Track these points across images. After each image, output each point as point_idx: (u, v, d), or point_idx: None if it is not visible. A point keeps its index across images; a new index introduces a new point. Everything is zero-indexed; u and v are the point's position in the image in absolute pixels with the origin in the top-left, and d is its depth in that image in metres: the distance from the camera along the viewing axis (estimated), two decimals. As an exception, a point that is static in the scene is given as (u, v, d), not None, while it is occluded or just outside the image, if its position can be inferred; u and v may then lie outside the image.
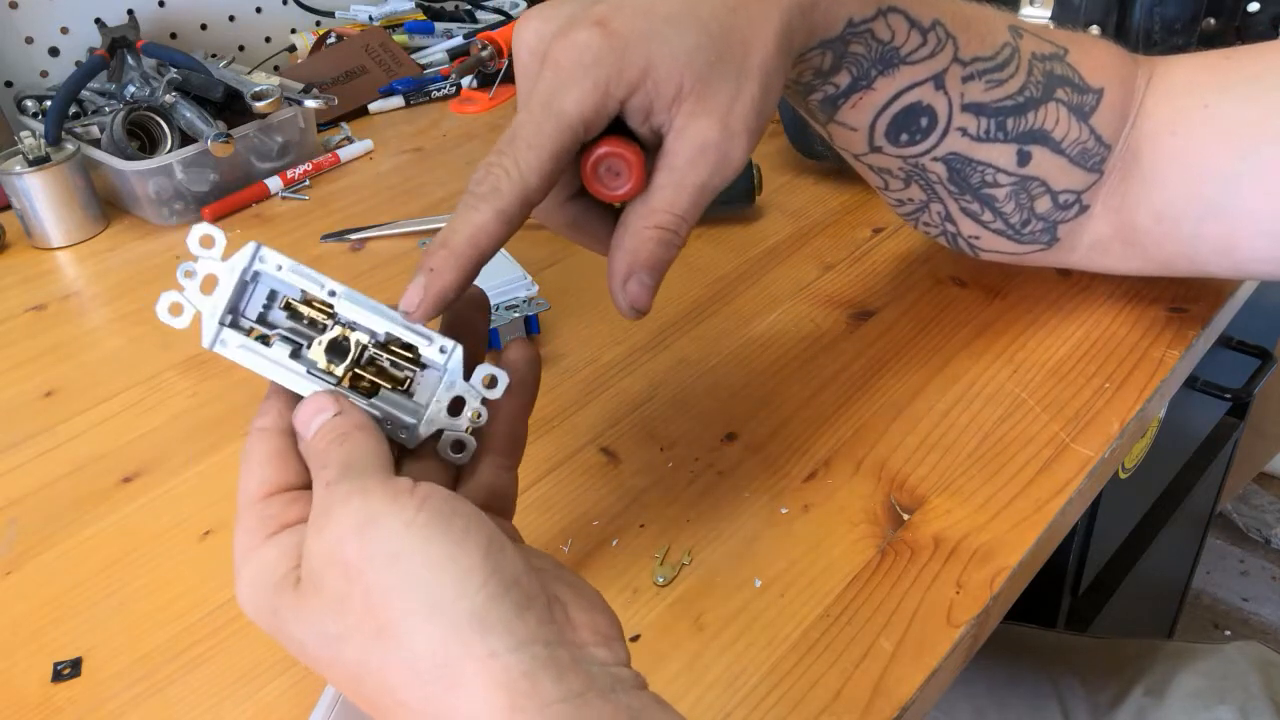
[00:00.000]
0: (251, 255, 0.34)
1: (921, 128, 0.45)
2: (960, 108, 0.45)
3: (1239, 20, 0.65)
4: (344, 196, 0.79)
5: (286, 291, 0.34)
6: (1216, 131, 0.46)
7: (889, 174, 0.49)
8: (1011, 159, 0.47)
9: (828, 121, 0.46)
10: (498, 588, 0.27)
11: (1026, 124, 0.47)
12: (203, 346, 0.33)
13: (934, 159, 0.47)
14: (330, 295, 0.34)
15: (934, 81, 0.44)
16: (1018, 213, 0.50)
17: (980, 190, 0.49)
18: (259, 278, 0.34)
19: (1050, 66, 0.47)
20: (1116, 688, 0.69)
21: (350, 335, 0.34)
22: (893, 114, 0.45)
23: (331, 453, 0.30)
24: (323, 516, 0.28)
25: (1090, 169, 0.48)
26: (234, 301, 0.34)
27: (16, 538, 0.48)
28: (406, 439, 0.33)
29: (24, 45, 0.87)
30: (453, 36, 1.04)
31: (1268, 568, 1.62)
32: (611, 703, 0.26)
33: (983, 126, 0.46)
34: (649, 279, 0.36)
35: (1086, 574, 0.85)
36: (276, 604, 0.29)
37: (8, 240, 0.75)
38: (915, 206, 0.51)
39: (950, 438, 0.49)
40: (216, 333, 0.33)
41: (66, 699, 0.40)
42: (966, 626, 0.39)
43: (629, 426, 0.51)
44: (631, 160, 0.36)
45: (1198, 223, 0.47)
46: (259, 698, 0.39)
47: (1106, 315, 0.56)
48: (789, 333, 0.57)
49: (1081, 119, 0.47)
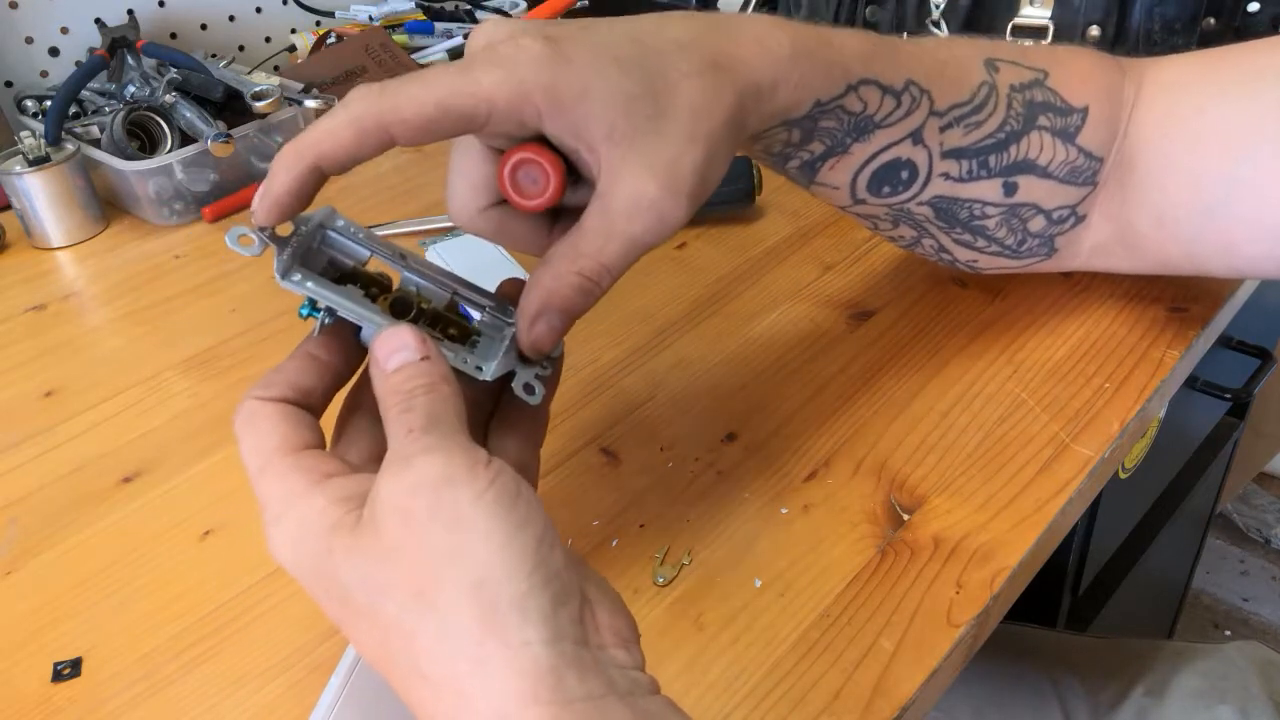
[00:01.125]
0: (328, 213, 0.35)
1: (903, 180, 0.45)
2: (940, 156, 0.45)
3: (1239, 20, 0.65)
4: (344, 196, 0.79)
5: (354, 253, 0.35)
6: (1212, 134, 0.45)
7: (876, 219, 0.49)
8: (998, 192, 0.47)
9: (808, 184, 0.46)
10: (541, 579, 0.27)
11: (1010, 158, 0.46)
12: (274, 276, 0.33)
13: (919, 204, 0.47)
14: (401, 260, 0.35)
15: (911, 138, 0.44)
16: (1011, 236, 0.50)
17: (970, 223, 0.49)
18: (328, 239, 0.35)
19: (1030, 95, 0.46)
20: (1117, 687, 0.69)
21: (415, 297, 0.35)
22: (872, 171, 0.45)
23: (418, 399, 0.30)
24: (402, 462, 0.28)
25: (1082, 184, 0.48)
26: (304, 246, 0.34)
27: (16, 538, 0.48)
28: (481, 375, 0.34)
29: (24, 45, 0.87)
30: (453, 36, 1.04)
31: (1268, 568, 1.62)
32: (629, 706, 0.26)
33: (965, 169, 0.46)
34: (559, 322, 0.35)
35: (1086, 574, 0.85)
36: (332, 544, 0.28)
37: (8, 240, 0.75)
38: (908, 241, 0.51)
39: (950, 438, 0.49)
40: (289, 265, 0.33)
41: (66, 699, 0.40)
42: (966, 626, 0.39)
43: (629, 426, 0.51)
44: (550, 171, 0.35)
45: (1198, 225, 0.47)
46: (259, 698, 0.39)
47: (1106, 315, 0.56)
48: (789, 333, 0.57)
49: (1067, 140, 0.47)
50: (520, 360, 0.35)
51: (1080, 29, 0.67)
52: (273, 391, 0.32)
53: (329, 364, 0.34)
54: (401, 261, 0.35)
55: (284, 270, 0.33)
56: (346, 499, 0.29)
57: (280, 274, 0.33)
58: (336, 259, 0.35)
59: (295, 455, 0.31)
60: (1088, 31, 0.66)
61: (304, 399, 0.33)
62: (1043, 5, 0.68)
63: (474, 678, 0.26)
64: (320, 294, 0.33)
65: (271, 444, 0.31)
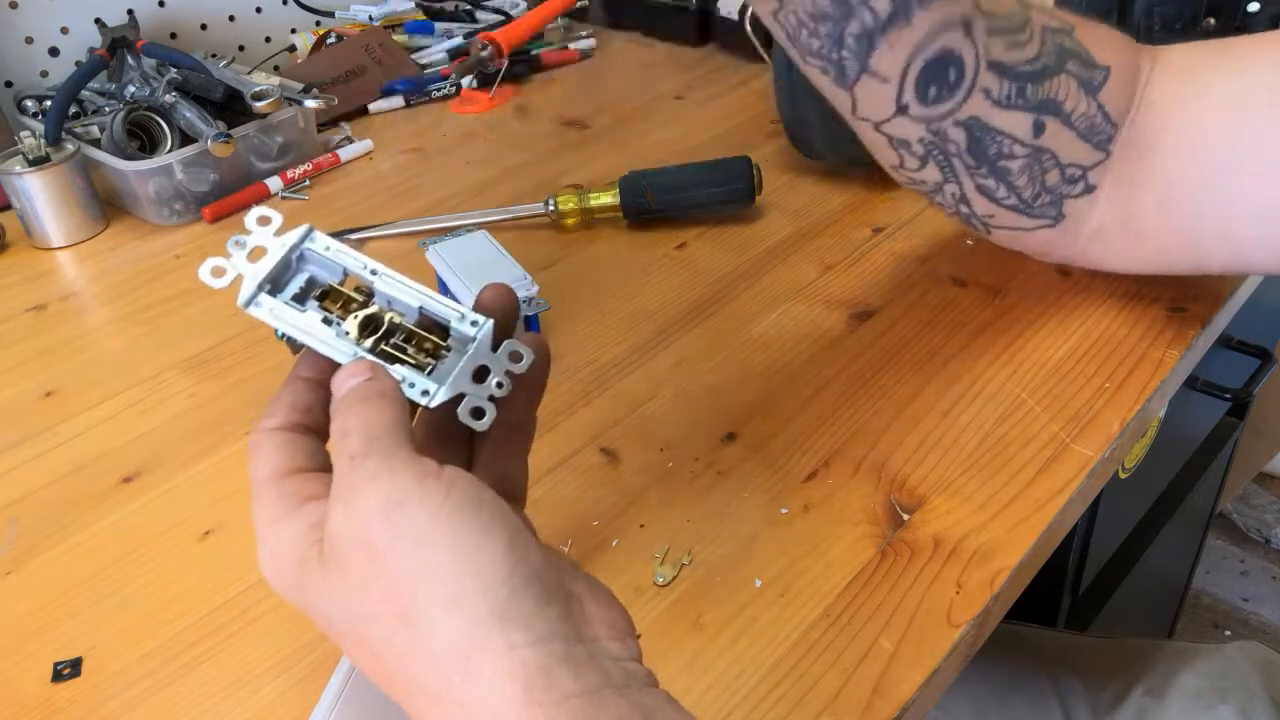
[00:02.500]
0: (303, 234, 0.35)
1: (949, 81, 0.45)
2: (986, 64, 0.45)
3: (1239, 20, 0.65)
4: (344, 196, 0.79)
5: (328, 273, 0.35)
6: (1216, 116, 0.46)
7: (907, 148, 0.48)
8: (1028, 129, 0.47)
9: (859, 74, 0.44)
10: (520, 581, 0.27)
11: (1043, 93, 0.46)
12: (238, 305, 0.34)
13: (955, 123, 0.46)
14: (371, 274, 0.35)
15: (963, 25, 0.43)
16: (1030, 186, 0.49)
17: (997, 163, 0.48)
18: (305, 257, 0.35)
19: (1060, 40, 0.47)
20: (1117, 687, 0.69)
21: (385, 313, 0.35)
22: (925, 59, 0.44)
23: (352, 420, 0.30)
24: (347, 491, 0.28)
25: (1096, 146, 0.48)
26: (276, 273, 0.34)
27: (16, 538, 0.48)
28: (426, 400, 0.33)
29: (24, 45, 0.87)
30: (453, 36, 1.04)
31: (1268, 568, 1.62)
32: (626, 699, 0.26)
33: (1004, 89, 0.46)
34: None
35: (1086, 574, 0.85)
36: (302, 579, 0.29)
37: (8, 240, 0.75)
38: (930, 188, 0.51)
39: (950, 438, 0.49)
40: (254, 294, 0.34)
41: (66, 699, 0.40)
42: (966, 626, 0.39)
43: (629, 426, 0.51)
44: None
45: (1198, 209, 0.47)
46: (259, 698, 0.39)
47: (1106, 315, 0.56)
48: (789, 333, 0.57)
49: (1090, 93, 0.47)
50: (474, 380, 0.34)
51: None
52: (273, 420, 0.32)
53: (320, 380, 0.34)
54: (373, 277, 0.35)
55: (246, 299, 0.34)
56: (316, 525, 0.29)
57: (242, 302, 0.34)
58: (315, 276, 0.36)
59: (279, 481, 0.31)
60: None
61: (307, 417, 0.33)
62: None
63: (468, 687, 0.26)
64: (279, 322, 0.34)
65: (263, 472, 0.31)
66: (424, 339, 0.35)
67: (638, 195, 0.69)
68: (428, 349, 0.35)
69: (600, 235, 0.70)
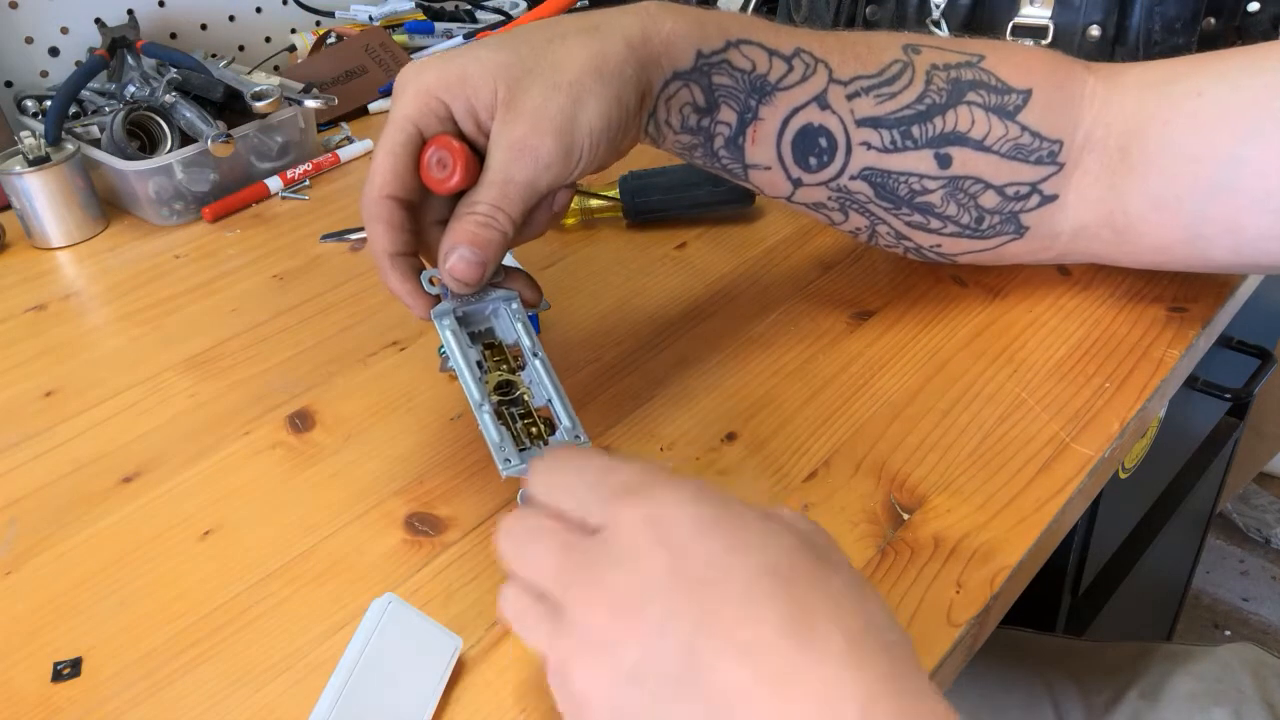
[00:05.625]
0: (507, 294, 0.45)
1: (824, 148, 0.48)
2: (855, 123, 0.48)
3: (1239, 20, 0.65)
4: (344, 196, 0.79)
5: (505, 333, 0.45)
6: (1215, 116, 0.46)
7: (825, 208, 0.51)
8: (931, 164, 0.49)
9: (745, 171, 0.49)
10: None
11: (936, 129, 0.48)
12: (429, 312, 0.43)
13: (851, 177, 0.49)
14: (533, 355, 0.43)
15: (817, 103, 0.47)
16: (964, 213, 0.50)
17: (913, 200, 0.50)
18: (498, 313, 0.45)
19: (957, 74, 0.48)
20: (1111, 691, 0.69)
21: (521, 388, 0.43)
22: (790, 139, 0.47)
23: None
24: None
25: (1036, 162, 0.49)
26: (469, 307, 0.44)
27: (16, 538, 0.48)
28: (503, 468, 0.39)
29: (24, 45, 0.87)
30: (453, 36, 1.04)
31: (1268, 568, 1.62)
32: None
33: (887, 139, 0.48)
34: (470, 254, 0.41)
35: (1086, 574, 0.85)
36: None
37: (8, 240, 0.75)
38: (865, 232, 0.53)
39: (950, 437, 0.49)
40: (444, 312, 0.43)
41: (66, 699, 0.40)
42: (966, 626, 0.39)
43: (629, 426, 0.51)
44: (455, 152, 0.41)
45: (1202, 205, 0.47)
46: (259, 698, 0.39)
47: (1106, 315, 0.56)
48: (789, 333, 0.57)
49: (1006, 117, 0.48)
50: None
51: (1080, 29, 0.66)
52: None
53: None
54: (533, 358, 0.43)
55: (438, 312, 0.43)
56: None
57: (431, 313, 0.43)
58: (495, 329, 0.45)
59: None
60: (1088, 31, 0.66)
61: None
62: (1043, 5, 0.67)
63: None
64: (446, 341, 0.42)
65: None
66: (534, 423, 0.42)
67: (637, 195, 0.69)
68: (533, 433, 0.42)
69: (600, 235, 0.70)
